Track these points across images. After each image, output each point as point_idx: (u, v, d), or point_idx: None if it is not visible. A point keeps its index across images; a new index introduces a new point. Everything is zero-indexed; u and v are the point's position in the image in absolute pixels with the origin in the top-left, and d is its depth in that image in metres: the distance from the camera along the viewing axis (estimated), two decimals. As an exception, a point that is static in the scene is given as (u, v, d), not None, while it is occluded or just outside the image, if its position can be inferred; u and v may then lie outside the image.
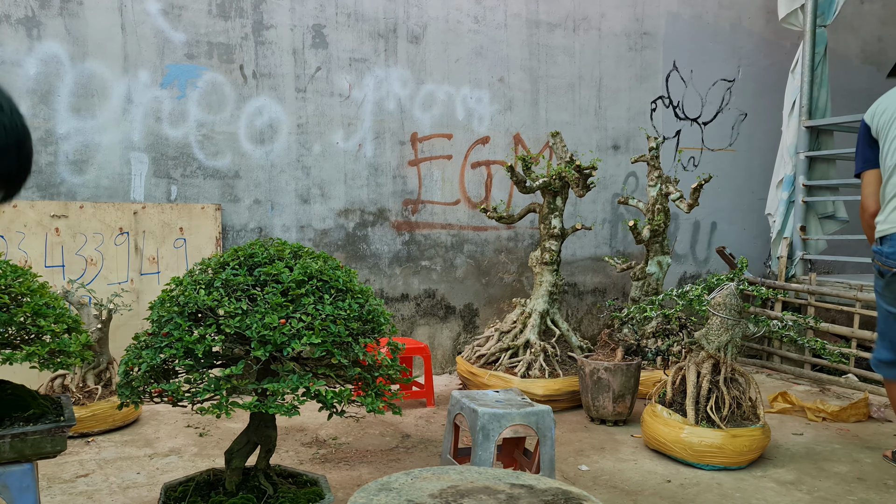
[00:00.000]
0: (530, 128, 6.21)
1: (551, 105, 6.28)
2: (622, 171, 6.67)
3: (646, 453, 3.97)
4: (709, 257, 7.21)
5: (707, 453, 3.66)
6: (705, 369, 3.83)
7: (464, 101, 5.92)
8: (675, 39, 6.85)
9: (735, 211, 7.34)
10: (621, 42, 6.59)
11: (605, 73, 6.52)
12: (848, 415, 4.61)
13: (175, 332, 2.36)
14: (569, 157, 5.08)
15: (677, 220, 6.95)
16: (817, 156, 6.28)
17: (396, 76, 5.66)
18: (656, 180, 5.33)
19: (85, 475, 3.51)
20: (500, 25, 6.03)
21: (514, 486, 1.91)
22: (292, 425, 4.35)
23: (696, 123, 7.04)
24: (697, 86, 7.01)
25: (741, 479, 3.59)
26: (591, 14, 6.42)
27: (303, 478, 2.80)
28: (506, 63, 6.07)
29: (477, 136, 5.99)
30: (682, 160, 6.96)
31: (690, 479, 3.60)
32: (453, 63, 5.85)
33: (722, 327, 3.78)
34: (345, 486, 3.39)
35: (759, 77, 7.37)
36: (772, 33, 7.35)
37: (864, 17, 8.07)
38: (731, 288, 3.85)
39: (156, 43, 4.91)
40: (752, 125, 7.37)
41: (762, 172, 7.31)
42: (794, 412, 4.77)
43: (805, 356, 5.87)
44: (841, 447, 4.12)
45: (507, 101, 6.09)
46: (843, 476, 3.65)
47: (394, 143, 5.67)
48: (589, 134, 6.49)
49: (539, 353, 4.86)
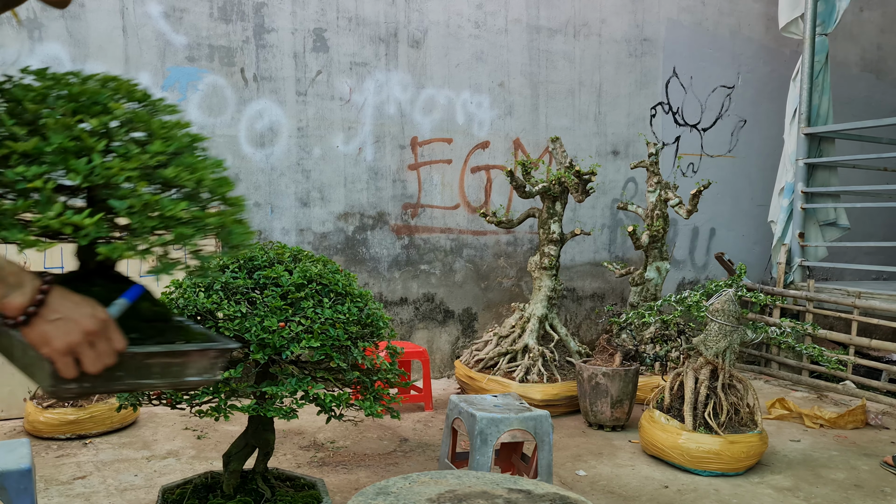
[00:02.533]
0: (530, 133, 6.22)
1: (551, 110, 6.30)
2: (621, 176, 6.68)
3: (643, 459, 3.97)
4: (707, 263, 7.22)
5: (704, 459, 3.66)
6: (703, 375, 3.83)
7: (464, 105, 5.93)
8: (674, 46, 6.86)
9: (734, 217, 7.35)
10: (621, 48, 6.60)
11: (605, 79, 6.53)
12: (845, 421, 4.62)
13: (174, 334, 2.36)
14: (568, 162, 5.09)
15: (676, 226, 6.96)
16: (818, 163, 6.29)
17: (397, 80, 5.67)
18: (655, 186, 5.34)
19: (82, 477, 3.51)
20: (501, 30, 6.04)
21: (512, 491, 1.92)
22: (290, 429, 4.35)
23: (695, 130, 7.06)
24: (697, 92, 7.02)
25: (738, 486, 3.59)
26: (592, 20, 6.43)
27: (300, 481, 2.80)
28: (506, 68, 6.09)
29: (477, 141, 6.00)
30: (682, 166, 6.98)
31: (688, 484, 3.60)
32: (454, 67, 5.87)
33: (720, 333, 3.78)
34: (342, 490, 3.39)
35: (759, 84, 7.38)
36: (771, 41, 7.37)
37: (863, 25, 8.10)
38: (729, 294, 3.85)
39: (157, 45, 4.92)
40: (752, 132, 7.39)
41: (761, 179, 7.33)
42: (792, 419, 4.77)
43: (803, 363, 5.88)
44: (838, 454, 4.12)
45: (508, 105, 6.11)
46: (841, 483, 3.66)
47: (394, 147, 5.68)
48: (588, 139, 6.50)
49: (537, 358, 4.86)
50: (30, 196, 1.28)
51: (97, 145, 1.31)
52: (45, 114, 1.35)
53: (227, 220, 1.44)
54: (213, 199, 1.50)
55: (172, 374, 1.36)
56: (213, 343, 1.43)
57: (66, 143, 1.30)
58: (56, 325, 1.22)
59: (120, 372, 1.30)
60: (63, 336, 1.21)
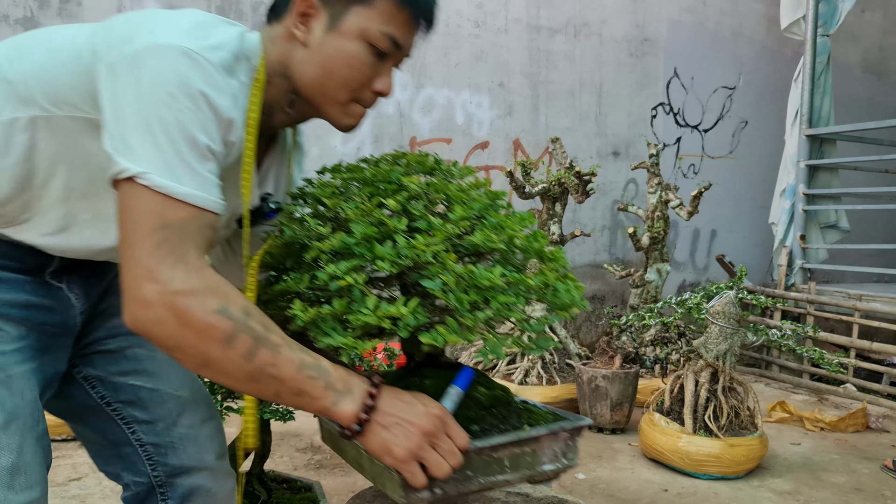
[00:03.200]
0: (530, 133, 6.20)
1: (551, 110, 6.27)
2: (622, 177, 6.66)
3: (643, 462, 3.95)
4: (708, 265, 7.20)
5: (704, 462, 3.64)
6: (704, 378, 3.81)
7: (463, 105, 5.91)
8: (676, 46, 6.84)
9: (735, 219, 7.33)
10: (622, 48, 6.58)
11: (605, 79, 6.51)
12: (846, 425, 4.59)
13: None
14: (568, 162, 5.07)
15: (677, 228, 6.94)
16: (819, 165, 6.27)
17: (396, 79, 5.64)
18: (656, 187, 5.32)
19: (78, 479, 3.48)
20: (501, 30, 6.01)
21: (511, 494, 1.89)
22: (287, 431, 4.33)
23: (696, 131, 7.03)
24: (698, 93, 7.00)
25: (738, 489, 3.57)
26: (592, 20, 6.41)
27: (297, 483, 2.78)
28: (506, 68, 6.06)
29: (476, 141, 5.98)
30: (683, 167, 6.95)
31: (688, 488, 3.57)
32: (453, 67, 5.84)
33: (721, 336, 3.76)
34: (339, 493, 3.37)
35: (760, 85, 7.36)
36: (773, 42, 7.34)
37: (864, 26, 8.08)
38: (730, 296, 3.83)
39: (155, 44, 4.89)
40: (753, 133, 7.36)
41: (763, 181, 7.30)
42: (793, 422, 4.74)
43: (804, 366, 5.85)
44: (839, 457, 4.09)
45: (507, 106, 6.08)
46: (841, 486, 3.63)
47: (392, 146, 5.65)
48: (589, 140, 6.47)
49: (537, 360, 4.83)
50: (344, 295, 1.20)
51: (399, 226, 1.23)
52: (344, 206, 1.29)
53: (551, 279, 1.33)
54: (529, 257, 1.39)
55: (525, 464, 1.23)
56: (564, 423, 1.29)
57: (369, 232, 1.22)
58: (392, 430, 1.14)
59: (469, 471, 1.18)
60: (402, 442, 1.13)
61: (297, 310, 1.20)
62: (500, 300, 1.22)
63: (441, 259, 1.20)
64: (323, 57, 1.35)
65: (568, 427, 1.27)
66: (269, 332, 1.13)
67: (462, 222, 1.26)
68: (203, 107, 1.16)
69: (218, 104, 1.18)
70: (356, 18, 1.33)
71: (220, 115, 1.19)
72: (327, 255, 1.24)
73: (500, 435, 1.23)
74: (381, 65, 1.38)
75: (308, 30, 1.36)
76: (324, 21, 1.35)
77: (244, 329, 1.10)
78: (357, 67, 1.35)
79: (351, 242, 1.21)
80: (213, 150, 1.18)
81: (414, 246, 1.19)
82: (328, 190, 1.38)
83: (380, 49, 1.35)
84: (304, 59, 1.36)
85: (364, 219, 1.24)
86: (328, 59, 1.34)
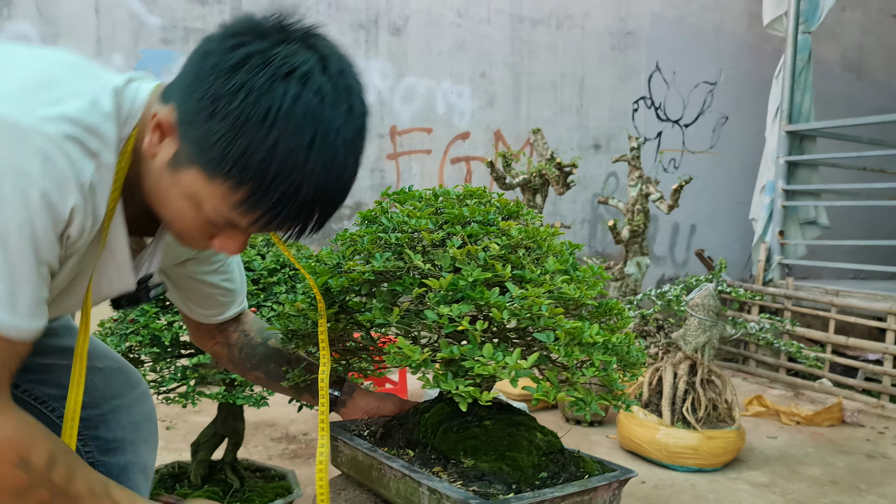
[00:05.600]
0: (511, 124, 6.16)
1: (533, 102, 6.24)
2: (603, 170, 6.65)
3: (621, 455, 3.93)
4: (687, 260, 7.21)
5: (682, 455, 3.63)
6: (682, 370, 3.80)
7: (445, 95, 5.86)
8: (658, 40, 6.83)
9: (715, 214, 7.35)
10: (604, 41, 6.56)
11: (587, 72, 6.49)
12: (822, 419, 4.61)
13: (141, 318, 2.28)
14: (549, 154, 5.04)
15: (657, 222, 6.94)
16: (799, 161, 6.29)
17: (377, 68, 5.58)
18: (637, 181, 5.30)
19: None
20: (483, 20, 5.97)
21: (487, 484, 1.86)
22: (262, 420, 4.27)
23: (677, 125, 7.04)
24: (679, 87, 7.00)
25: (715, 481, 3.56)
26: (575, 12, 6.38)
27: (271, 472, 2.73)
28: (488, 58, 6.02)
29: (457, 132, 5.93)
30: (663, 162, 6.96)
31: (665, 480, 3.56)
32: (435, 56, 5.79)
33: (700, 328, 3.75)
34: (313, 482, 3.32)
35: (741, 81, 7.38)
36: (754, 38, 7.36)
37: (844, 24, 8.12)
38: (709, 289, 3.82)
39: (130, 27, 4.80)
40: (733, 128, 7.38)
41: (742, 176, 7.32)
42: (769, 416, 4.76)
43: (780, 360, 5.88)
44: (814, 451, 4.11)
45: (489, 96, 6.04)
46: (817, 479, 3.64)
47: (372, 135, 5.59)
48: (570, 132, 6.45)
49: (515, 352, 4.81)
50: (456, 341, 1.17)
51: (506, 273, 1.20)
52: (449, 245, 1.24)
53: (623, 338, 1.32)
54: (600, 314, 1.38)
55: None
56: (616, 473, 1.33)
57: (479, 277, 1.18)
58: None
59: None
60: None
61: (406, 350, 1.19)
62: (598, 359, 1.23)
63: (551, 313, 1.19)
64: (158, 186, 1.12)
65: (620, 478, 1.32)
66: (70, 484, 1.09)
67: (559, 276, 1.27)
68: (35, 207, 0.96)
69: (55, 202, 0.98)
70: (193, 181, 1.06)
71: (58, 214, 0.99)
72: (436, 294, 1.21)
73: (569, 484, 1.28)
74: (221, 228, 1.13)
75: (158, 145, 1.09)
76: (169, 151, 1.08)
77: (42, 483, 1.05)
78: (188, 225, 1.12)
79: (463, 286, 1.19)
80: (45, 259, 1.01)
81: (525, 297, 1.17)
82: (421, 222, 1.34)
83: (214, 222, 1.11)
84: (148, 170, 1.12)
85: (471, 261, 1.22)
86: (162, 193, 1.12)
